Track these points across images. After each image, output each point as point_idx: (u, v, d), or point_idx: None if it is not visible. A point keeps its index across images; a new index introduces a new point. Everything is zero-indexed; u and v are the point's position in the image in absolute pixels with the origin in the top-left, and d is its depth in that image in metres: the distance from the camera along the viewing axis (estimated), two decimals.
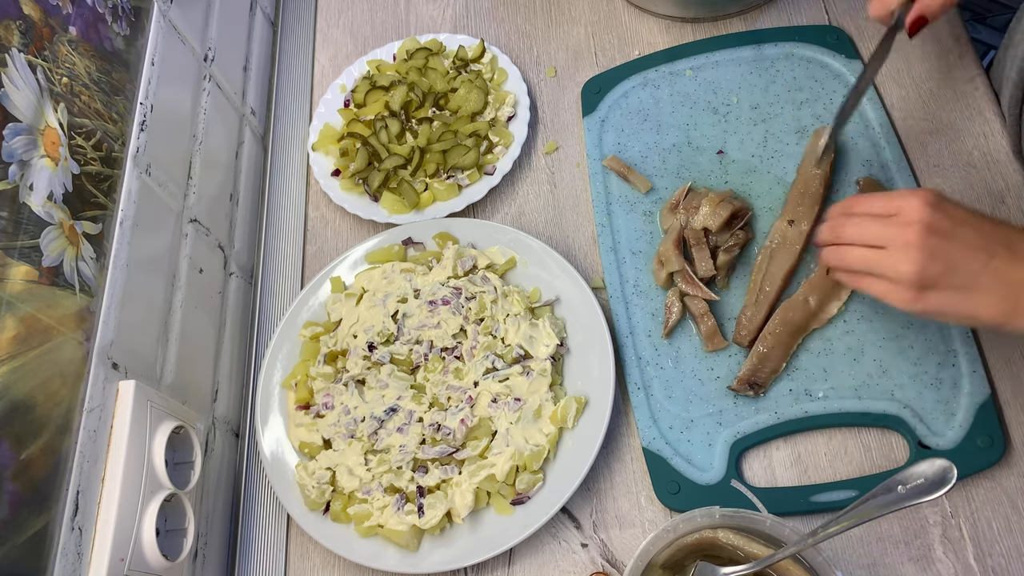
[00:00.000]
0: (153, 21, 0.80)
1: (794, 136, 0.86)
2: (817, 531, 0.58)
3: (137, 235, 0.71)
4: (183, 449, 0.71)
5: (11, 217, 0.58)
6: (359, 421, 0.77)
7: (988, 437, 0.69)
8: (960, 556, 0.68)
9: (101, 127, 0.70)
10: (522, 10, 1.02)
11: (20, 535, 0.54)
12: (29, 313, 0.57)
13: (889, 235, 0.61)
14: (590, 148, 0.89)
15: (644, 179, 0.85)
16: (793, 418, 0.73)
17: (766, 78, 0.90)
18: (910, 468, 0.57)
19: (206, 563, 0.74)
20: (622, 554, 0.72)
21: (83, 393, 0.62)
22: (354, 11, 1.06)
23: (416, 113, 0.94)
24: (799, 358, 0.75)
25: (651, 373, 0.77)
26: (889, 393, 0.73)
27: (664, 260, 0.79)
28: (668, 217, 0.83)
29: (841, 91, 0.87)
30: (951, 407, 0.71)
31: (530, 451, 0.73)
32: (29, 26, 0.63)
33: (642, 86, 0.92)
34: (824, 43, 0.90)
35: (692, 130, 0.88)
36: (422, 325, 0.80)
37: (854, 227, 0.64)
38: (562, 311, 0.81)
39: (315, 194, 0.95)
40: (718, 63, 0.92)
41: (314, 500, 0.74)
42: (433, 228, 0.86)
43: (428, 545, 0.73)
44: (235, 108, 0.95)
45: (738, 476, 0.72)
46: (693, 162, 0.87)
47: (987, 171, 0.81)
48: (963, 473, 0.69)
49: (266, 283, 0.91)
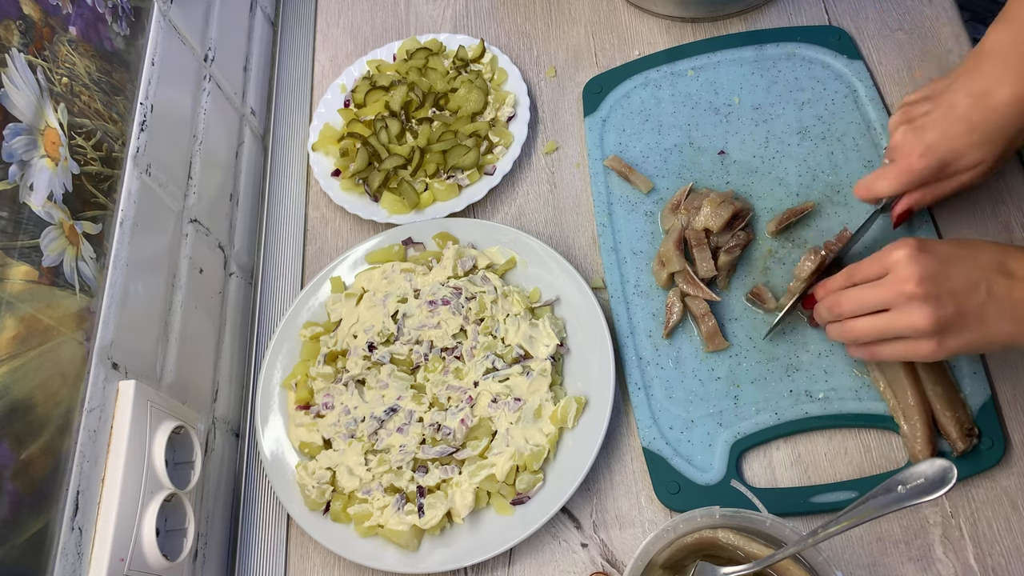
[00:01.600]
0: (153, 21, 0.80)
1: (796, 136, 0.86)
2: (817, 531, 0.58)
3: (137, 235, 0.71)
4: (183, 449, 0.71)
5: (11, 217, 0.58)
6: (359, 421, 0.77)
7: (989, 438, 0.70)
8: (960, 556, 0.68)
9: (101, 127, 0.70)
10: (522, 10, 1.02)
11: (20, 535, 0.54)
12: (29, 313, 0.57)
13: (888, 296, 0.61)
14: (591, 148, 0.89)
15: (645, 179, 0.85)
16: (793, 419, 0.73)
17: (768, 78, 0.90)
18: (910, 468, 0.57)
19: (206, 563, 0.74)
20: (622, 554, 0.72)
21: (83, 393, 0.62)
22: (354, 11, 1.06)
23: (416, 113, 0.94)
24: (800, 359, 0.75)
25: (652, 373, 0.77)
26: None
27: (665, 260, 0.79)
28: (669, 217, 0.83)
29: (843, 91, 0.87)
30: None
31: (530, 451, 0.73)
32: (29, 26, 0.63)
33: (643, 86, 0.92)
34: (826, 44, 0.90)
35: (694, 130, 0.88)
36: (422, 325, 0.80)
37: (850, 300, 0.64)
38: (562, 311, 0.81)
39: (315, 194, 0.95)
40: (719, 63, 0.91)
41: (314, 500, 0.74)
42: (433, 228, 0.86)
43: (428, 545, 0.73)
44: (235, 108, 0.95)
45: (738, 476, 0.72)
46: (695, 162, 0.86)
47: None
48: (964, 474, 0.69)
49: (266, 283, 0.91)
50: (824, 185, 0.83)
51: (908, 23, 0.91)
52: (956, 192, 0.71)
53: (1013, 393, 0.72)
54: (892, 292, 0.61)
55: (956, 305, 0.59)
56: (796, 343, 0.76)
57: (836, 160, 0.84)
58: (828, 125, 0.86)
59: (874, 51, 0.90)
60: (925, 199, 0.71)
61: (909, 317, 0.60)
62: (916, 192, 0.71)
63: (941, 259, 0.61)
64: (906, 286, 0.60)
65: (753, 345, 0.77)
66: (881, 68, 0.89)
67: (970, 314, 0.60)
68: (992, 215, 0.79)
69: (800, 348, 0.76)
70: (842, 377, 0.74)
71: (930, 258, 0.60)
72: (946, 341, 0.60)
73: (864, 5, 0.93)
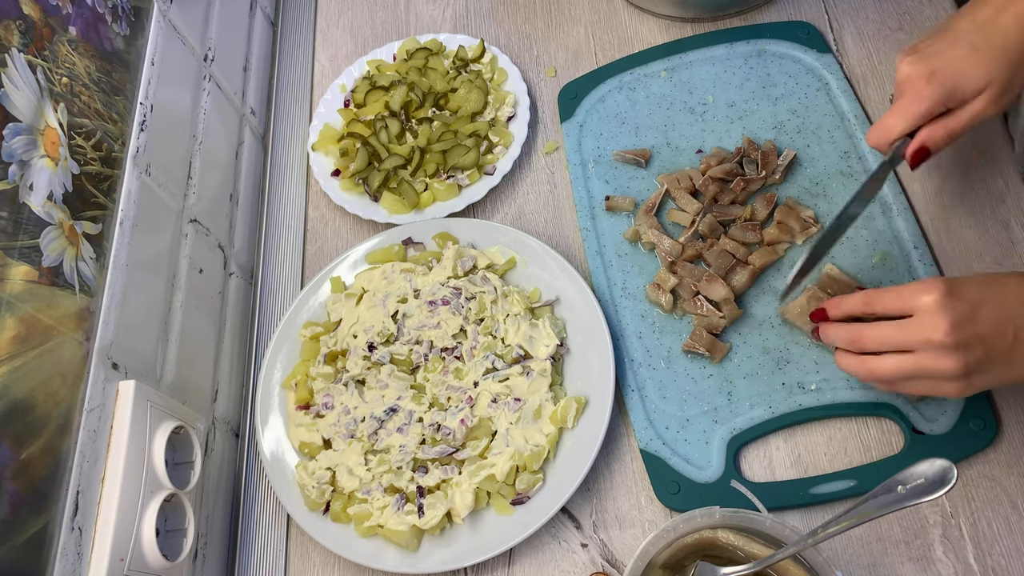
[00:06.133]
0: (153, 21, 0.80)
1: (772, 132, 0.87)
2: (817, 531, 0.58)
3: (137, 235, 0.71)
4: (183, 449, 0.71)
5: (11, 217, 0.58)
6: (359, 421, 0.77)
7: (980, 420, 0.70)
8: (960, 556, 0.68)
9: (101, 127, 0.70)
10: (522, 10, 1.02)
11: (20, 535, 0.54)
12: (29, 313, 0.57)
13: (915, 341, 0.60)
14: (570, 153, 0.90)
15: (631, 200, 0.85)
16: (788, 411, 0.73)
17: (740, 76, 0.90)
18: (910, 468, 0.57)
19: (206, 563, 0.74)
20: (622, 554, 0.72)
21: (83, 393, 0.62)
22: (354, 11, 1.06)
23: (416, 113, 0.94)
24: (790, 351, 0.76)
25: (644, 374, 0.77)
26: None
27: (661, 283, 0.79)
28: (643, 218, 0.83)
29: (815, 85, 0.88)
30: None
31: (530, 451, 0.73)
32: (29, 26, 0.63)
33: (618, 89, 0.92)
34: (796, 39, 0.91)
35: (670, 131, 0.89)
36: (422, 325, 0.80)
37: (874, 340, 0.63)
38: (562, 311, 0.81)
39: (315, 194, 0.95)
40: (692, 63, 0.92)
41: (314, 500, 0.74)
42: (433, 228, 0.86)
43: (428, 545, 0.73)
44: (235, 108, 0.95)
45: (737, 473, 0.72)
46: (673, 163, 0.87)
47: (987, 171, 0.81)
48: (958, 457, 0.70)
49: (266, 283, 0.91)
50: (803, 178, 0.84)
51: (908, 23, 0.91)
52: (970, 125, 0.66)
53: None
54: (920, 338, 0.60)
55: (985, 350, 0.59)
56: (785, 336, 0.77)
57: (812, 153, 0.85)
58: (803, 119, 0.87)
59: (874, 51, 0.90)
60: (938, 134, 0.67)
61: (937, 363, 0.59)
62: (928, 127, 0.67)
63: (970, 303, 0.59)
64: (935, 335, 0.59)
65: (743, 340, 0.77)
66: (881, 68, 0.89)
67: (998, 356, 0.59)
68: (992, 215, 0.79)
69: (790, 341, 0.76)
70: (833, 367, 0.74)
71: (960, 304, 0.59)
72: (974, 381, 0.60)
73: (864, 5, 0.93)
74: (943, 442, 0.70)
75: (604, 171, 0.88)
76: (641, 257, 0.83)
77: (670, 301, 0.79)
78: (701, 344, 0.76)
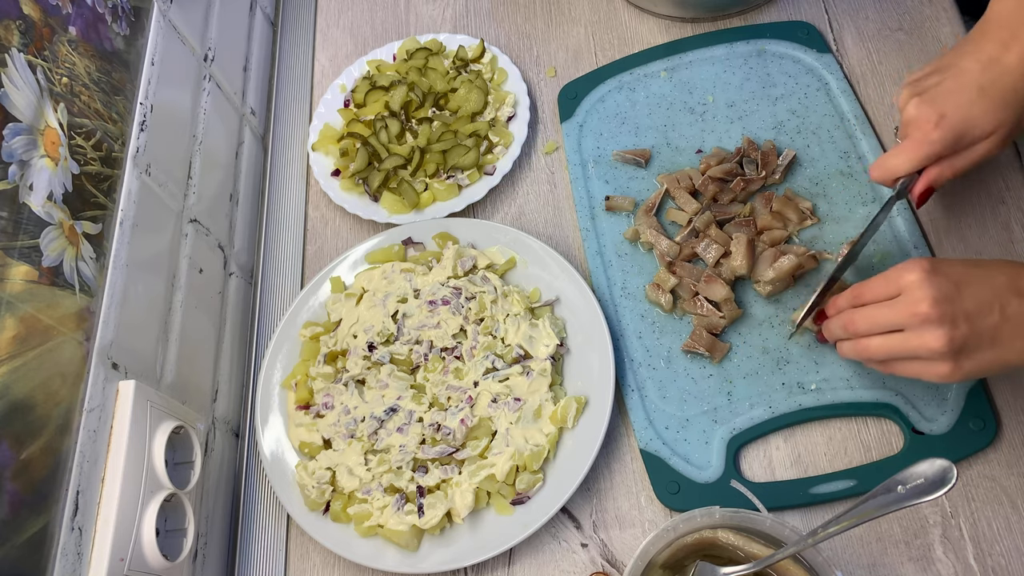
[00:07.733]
0: (153, 21, 0.80)
1: (771, 132, 0.87)
2: (817, 531, 0.58)
3: (137, 235, 0.71)
4: (183, 449, 0.71)
5: (11, 217, 0.58)
6: (359, 421, 0.77)
7: (980, 420, 0.70)
8: (960, 556, 0.68)
9: (101, 127, 0.70)
10: (522, 10, 1.02)
11: (20, 535, 0.54)
12: (29, 313, 0.57)
13: (902, 317, 0.61)
14: (570, 154, 0.90)
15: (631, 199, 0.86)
16: (787, 411, 0.74)
17: (740, 76, 0.91)
18: (910, 468, 0.57)
19: (206, 563, 0.74)
20: (622, 554, 0.72)
21: (83, 393, 0.62)
22: (354, 11, 1.06)
23: (416, 113, 0.94)
24: (790, 351, 0.76)
25: (644, 374, 0.77)
26: (880, 382, 0.73)
27: (661, 283, 0.79)
28: (643, 218, 0.83)
29: (815, 85, 0.88)
30: (942, 392, 0.72)
31: (530, 451, 0.73)
32: (29, 26, 0.63)
33: (618, 89, 0.92)
34: (795, 39, 0.91)
35: (670, 131, 0.89)
36: (422, 325, 0.80)
37: (864, 319, 0.64)
38: (562, 311, 0.81)
39: (315, 194, 0.95)
40: (692, 63, 0.92)
41: (314, 500, 0.74)
42: (433, 228, 0.86)
43: (428, 545, 0.73)
44: (235, 108, 0.95)
45: (737, 473, 0.72)
46: (673, 163, 0.87)
47: (987, 171, 0.81)
48: (958, 457, 0.70)
49: (266, 283, 0.91)
50: (803, 178, 0.84)
51: (908, 23, 0.91)
52: (976, 164, 0.68)
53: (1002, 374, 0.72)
54: (905, 313, 0.60)
55: (970, 326, 0.59)
56: (785, 336, 0.77)
57: (812, 153, 0.85)
58: (802, 119, 0.87)
59: (874, 51, 0.90)
60: (945, 174, 0.68)
61: (923, 338, 0.60)
62: (935, 167, 0.68)
63: (954, 280, 0.60)
64: (919, 307, 0.59)
65: (743, 340, 0.77)
66: (881, 68, 0.89)
67: (984, 335, 0.59)
68: (992, 215, 0.79)
69: (790, 341, 0.76)
70: (833, 367, 0.74)
71: (943, 279, 0.60)
72: (962, 362, 0.60)
73: (864, 5, 0.93)
74: (943, 442, 0.70)
75: (604, 171, 0.88)
76: (641, 257, 0.83)
77: (670, 301, 0.79)
78: (701, 344, 0.76)
